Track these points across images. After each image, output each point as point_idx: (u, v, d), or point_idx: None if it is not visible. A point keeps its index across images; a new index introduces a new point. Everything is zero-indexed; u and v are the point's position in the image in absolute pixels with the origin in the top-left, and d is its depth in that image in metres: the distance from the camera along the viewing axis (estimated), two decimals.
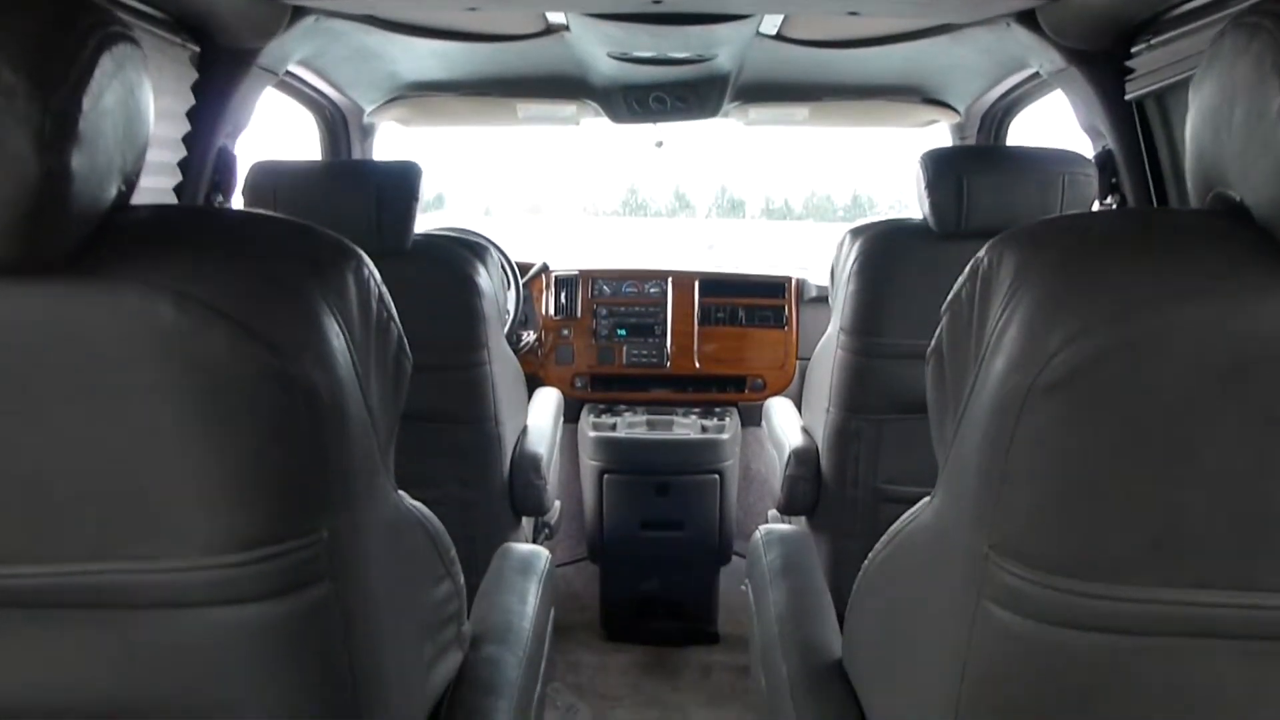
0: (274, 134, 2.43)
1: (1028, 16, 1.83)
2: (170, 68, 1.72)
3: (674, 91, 2.49)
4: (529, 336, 2.80)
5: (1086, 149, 1.99)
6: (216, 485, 0.73)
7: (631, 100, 2.54)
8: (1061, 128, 2.17)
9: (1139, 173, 1.88)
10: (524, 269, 2.83)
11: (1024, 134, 2.59)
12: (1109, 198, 1.94)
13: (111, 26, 0.71)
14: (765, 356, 2.93)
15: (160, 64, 1.68)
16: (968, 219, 1.83)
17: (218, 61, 1.82)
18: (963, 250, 0.87)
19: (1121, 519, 0.72)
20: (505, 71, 2.44)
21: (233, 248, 0.77)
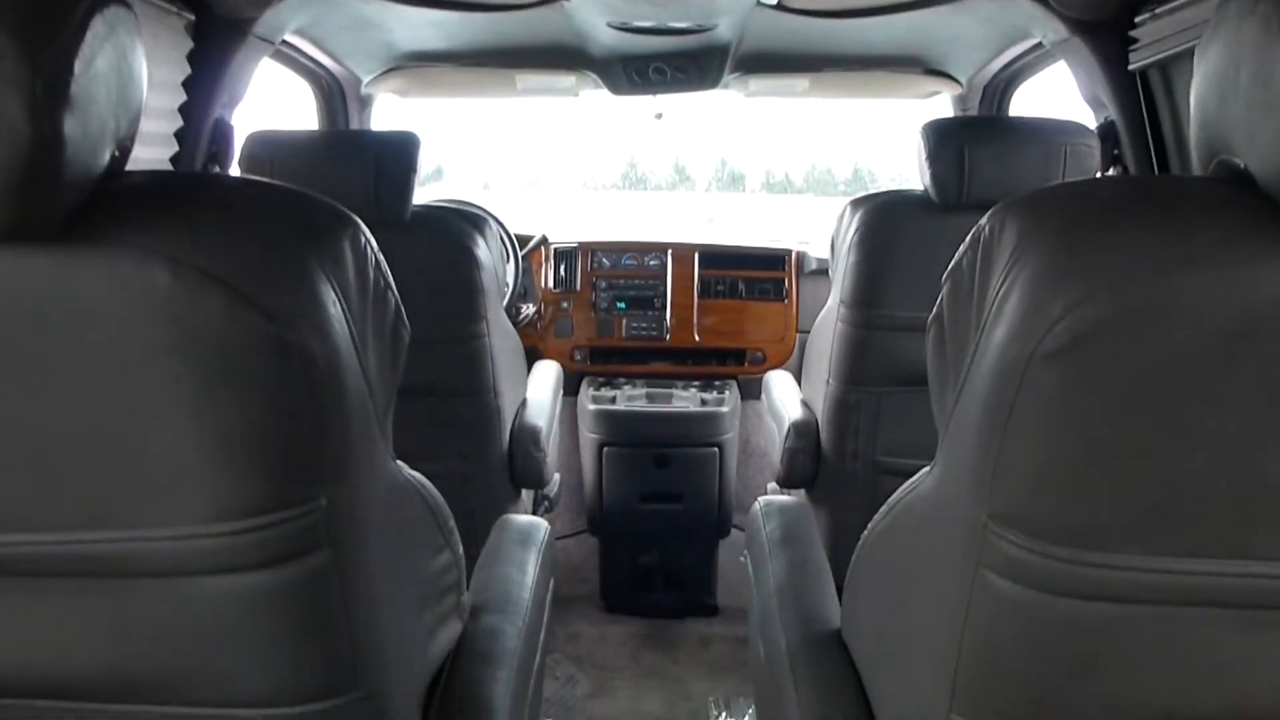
0: (271, 108, 2.42)
1: None
2: (165, 36, 1.71)
3: (674, 62, 2.47)
4: (528, 309, 2.80)
5: (1089, 121, 1.98)
6: (213, 453, 0.73)
7: (631, 71, 2.52)
8: (1064, 101, 2.16)
9: (1141, 144, 1.86)
10: (523, 241, 2.82)
11: (1026, 106, 2.58)
12: (1111, 169, 1.93)
13: None
14: (765, 329, 2.92)
15: (155, 32, 1.67)
16: (969, 190, 1.82)
17: (213, 30, 1.81)
18: (964, 221, 0.86)
19: (1121, 487, 0.72)
20: (504, 42, 2.42)
21: (229, 214, 0.76)
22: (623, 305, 2.92)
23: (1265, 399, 0.69)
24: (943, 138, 1.85)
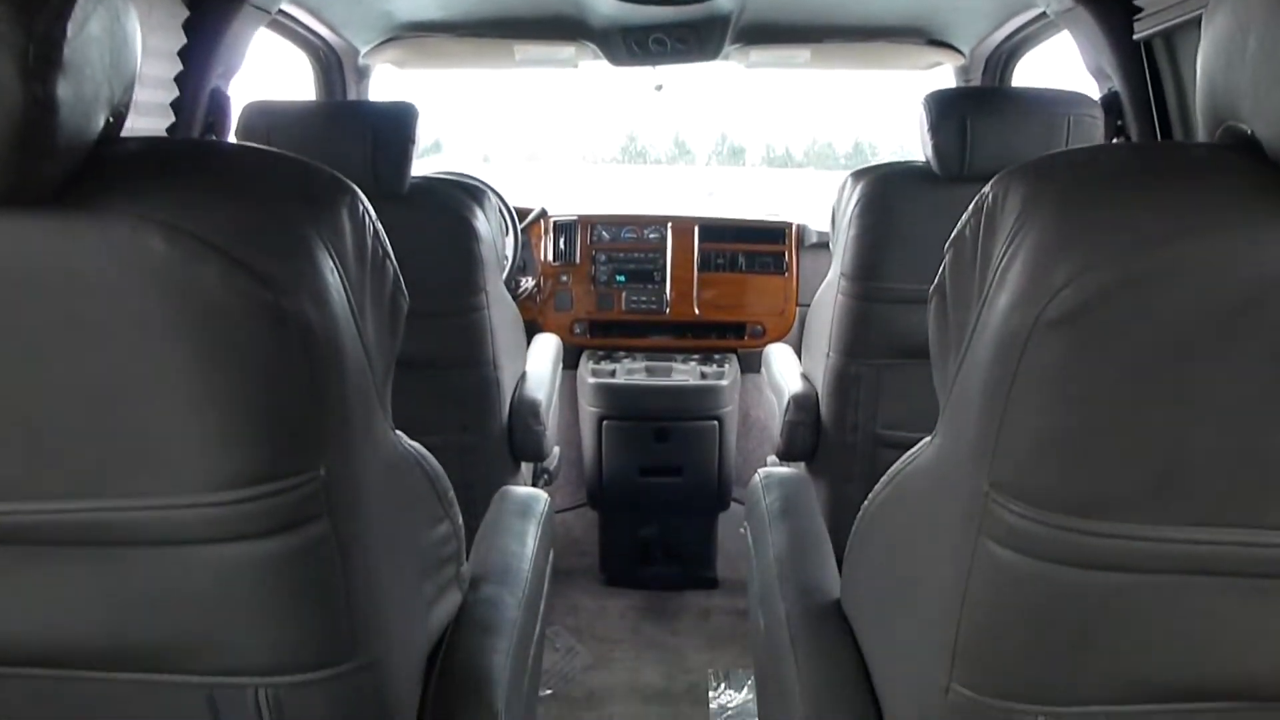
0: (268, 81, 2.40)
1: None
2: (161, 4, 1.68)
3: (674, 33, 2.45)
4: (527, 282, 2.79)
5: (1092, 93, 1.96)
6: (210, 421, 0.72)
7: (631, 42, 2.50)
8: (1067, 73, 2.14)
9: (1145, 114, 1.85)
10: (522, 214, 2.81)
11: (1029, 78, 2.56)
12: (1115, 140, 1.91)
13: None
14: (765, 303, 2.91)
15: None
16: (971, 162, 1.81)
17: None
18: (966, 193, 0.85)
19: (1124, 456, 0.72)
20: (502, 11, 2.39)
21: (224, 181, 0.76)
22: (622, 279, 2.91)
23: (1270, 367, 0.68)
24: (945, 108, 1.83)
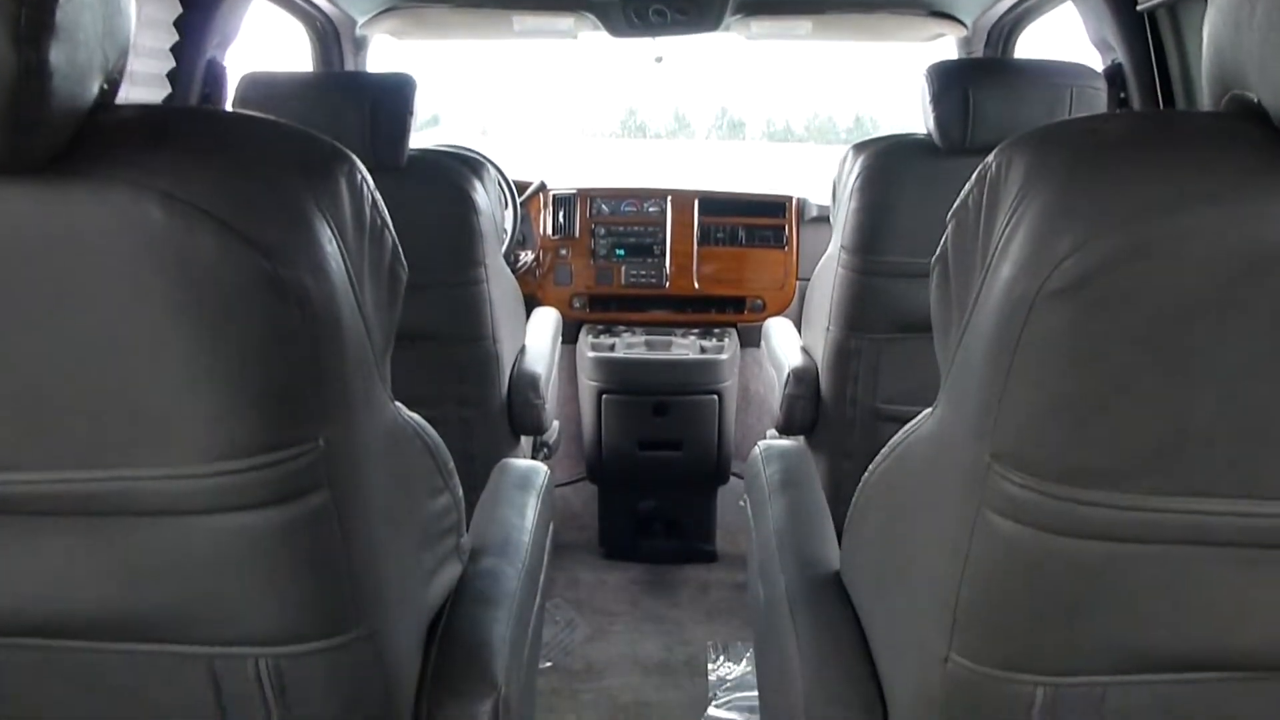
0: (265, 54, 2.38)
1: None
2: None
3: (674, 3, 2.42)
4: (527, 256, 2.78)
5: (1096, 65, 1.95)
6: (208, 392, 0.72)
7: (630, 12, 2.47)
8: (1070, 46, 2.13)
9: (1149, 86, 1.84)
10: (521, 188, 2.80)
11: (1031, 52, 2.53)
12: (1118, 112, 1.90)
13: None
14: (765, 277, 2.91)
15: None
16: (973, 134, 1.80)
17: None
18: (967, 166, 0.85)
19: (1126, 426, 0.71)
20: None
21: (221, 148, 0.75)
22: (622, 252, 2.90)
23: (1274, 338, 0.68)
24: (947, 80, 1.82)
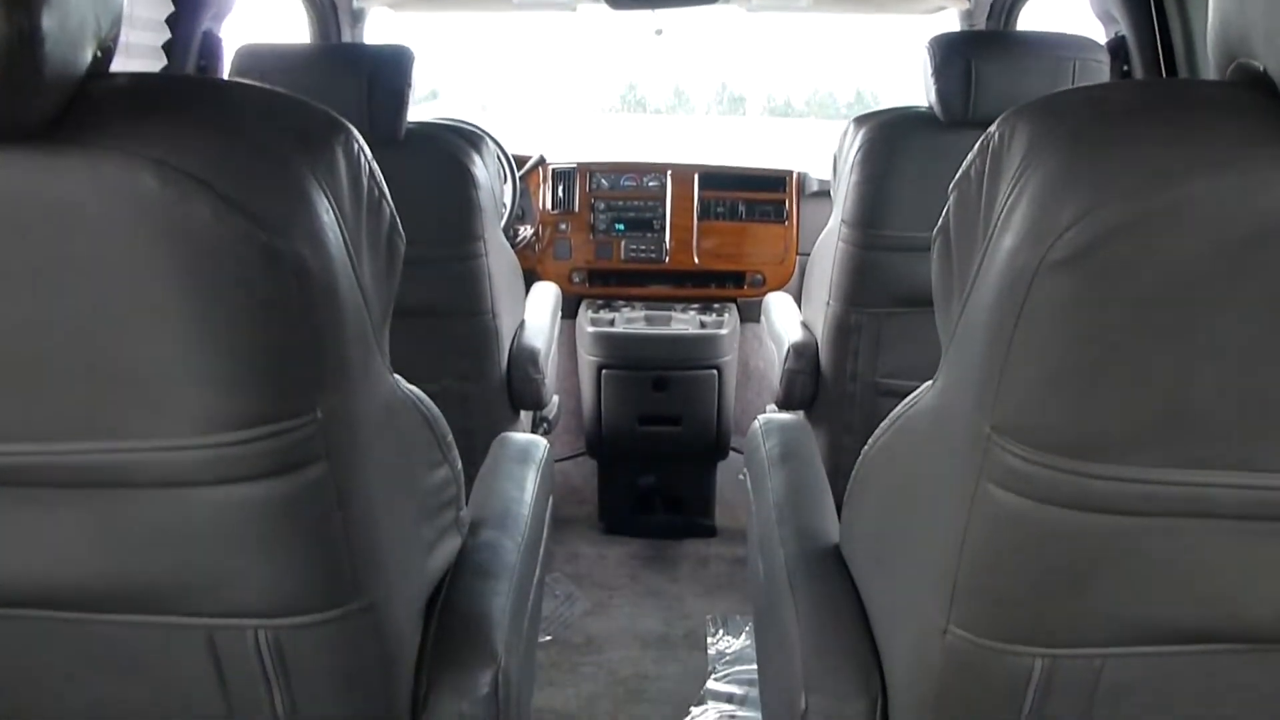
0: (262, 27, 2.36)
1: None
2: None
3: None
4: (526, 231, 2.76)
5: (1099, 38, 1.93)
6: (204, 363, 0.72)
7: None
8: (1074, 20, 2.11)
9: (1152, 59, 1.83)
10: (520, 162, 2.78)
11: (1034, 25, 2.51)
12: None
13: None
14: (765, 252, 2.89)
15: None
16: (975, 107, 1.79)
17: None
18: (969, 139, 0.84)
19: (1127, 398, 0.71)
20: None
21: (217, 118, 0.74)
22: (621, 227, 2.89)
23: (1275, 307, 0.68)
24: (949, 52, 1.81)
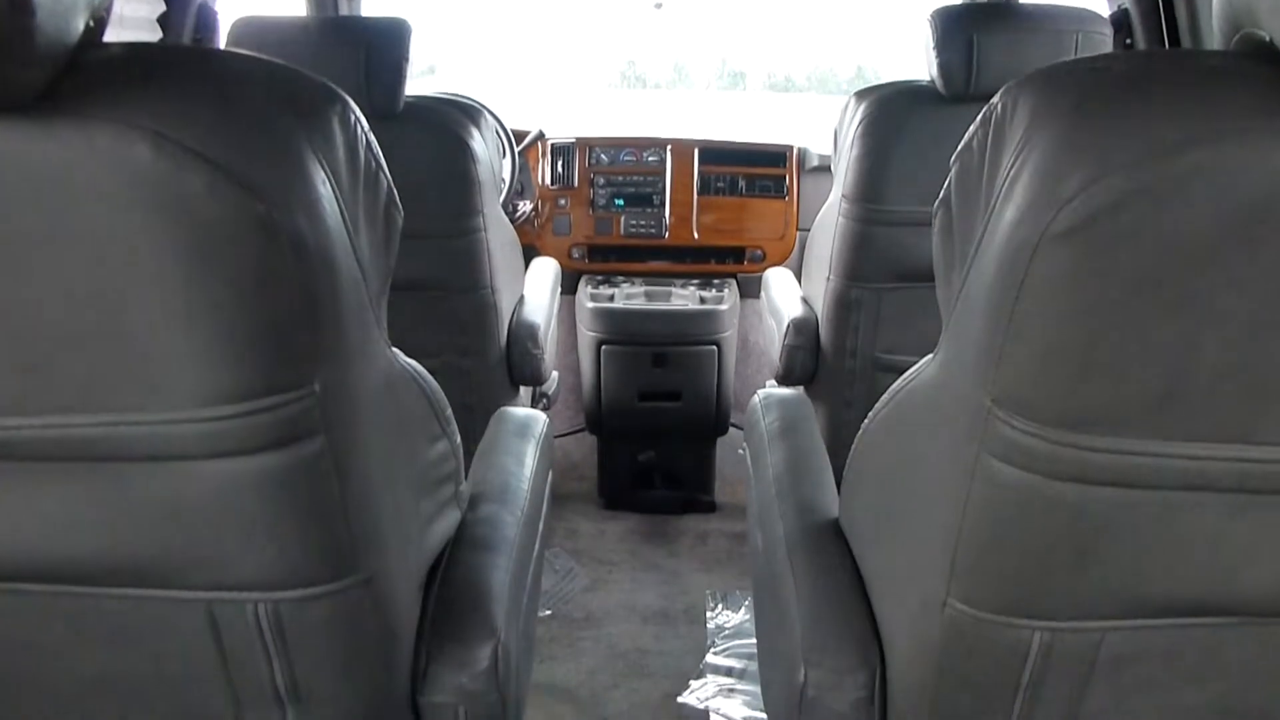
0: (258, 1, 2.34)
1: None
2: None
3: None
4: (525, 206, 2.75)
5: (1102, 10, 1.92)
6: (201, 335, 0.71)
7: None
8: None
9: (1155, 31, 1.81)
10: (519, 137, 2.77)
11: None
12: None
13: None
14: (765, 227, 2.88)
15: None
16: (977, 80, 1.78)
17: None
18: (970, 113, 0.83)
19: (1129, 370, 0.71)
20: None
21: (213, 88, 0.73)
22: (621, 202, 2.88)
23: (1277, 280, 0.67)
24: (951, 24, 1.79)
